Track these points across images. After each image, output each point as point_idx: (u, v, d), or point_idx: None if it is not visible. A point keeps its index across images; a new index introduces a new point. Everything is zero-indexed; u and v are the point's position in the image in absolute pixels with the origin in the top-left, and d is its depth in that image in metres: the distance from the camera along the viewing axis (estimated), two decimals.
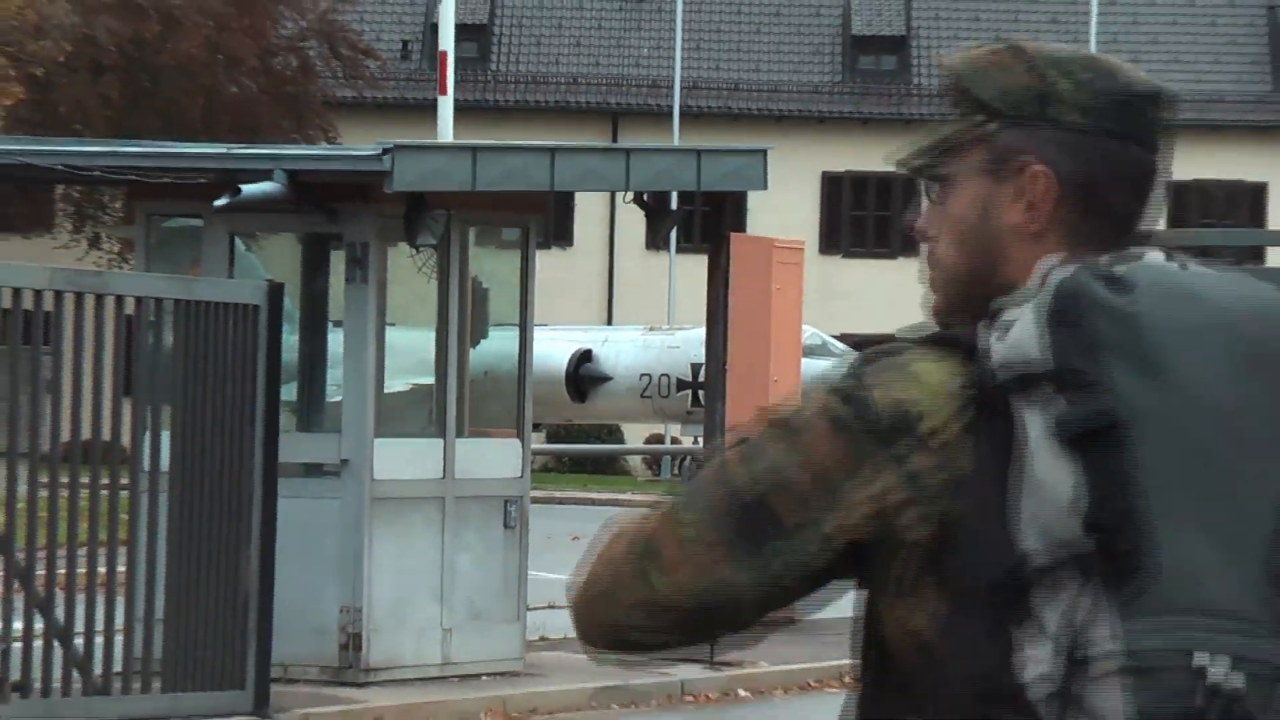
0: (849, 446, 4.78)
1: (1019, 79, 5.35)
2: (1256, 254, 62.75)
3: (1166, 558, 5.45)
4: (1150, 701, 6.22)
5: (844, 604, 6.70)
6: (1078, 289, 5.11)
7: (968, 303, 5.04)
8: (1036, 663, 5.49)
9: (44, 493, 25.45)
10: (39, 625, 24.74)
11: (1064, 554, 6.22)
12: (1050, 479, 5.20)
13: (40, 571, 25.07)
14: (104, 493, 25.98)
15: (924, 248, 5.83)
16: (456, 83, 49.50)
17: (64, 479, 25.43)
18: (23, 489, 25.09)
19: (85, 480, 25.88)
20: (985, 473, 4.84)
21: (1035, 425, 5.19)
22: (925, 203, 6.39)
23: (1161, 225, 7.68)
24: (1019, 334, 4.75)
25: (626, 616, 5.24)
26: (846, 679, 14.34)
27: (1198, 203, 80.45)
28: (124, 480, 26.15)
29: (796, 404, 5.53)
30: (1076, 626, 5.86)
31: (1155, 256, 6.13)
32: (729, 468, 5.55)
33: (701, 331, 36.33)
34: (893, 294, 77.12)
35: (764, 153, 31.97)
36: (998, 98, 5.26)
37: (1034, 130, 5.43)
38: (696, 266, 37.05)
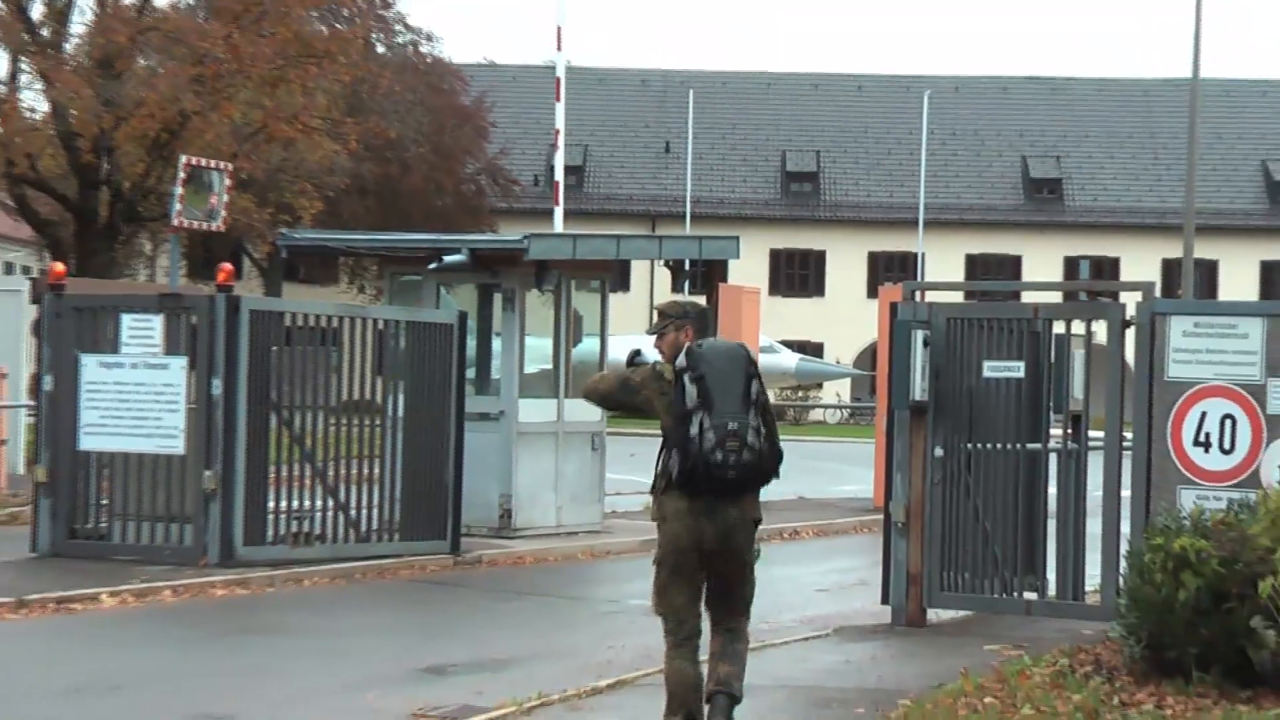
0: (648, 375, 13.91)
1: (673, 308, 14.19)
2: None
3: (717, 403, 13.26)
4: (714, 433, 13.38)
5: None
6: (690, 348, 13.36)
7: (672, 355, 13.49)
8: (694, 432, 13.21)
9: (333, 428, 26.23)
10: (330, 503, 25.05)
11: (696, 405, 13.30)
12: (689, 390, 13.28)
13: (330, 472, 25.45)
14: (365, 428, 26.12)
15: (671, 338, 13.89)
16: (565, 199, 50.78)
17: (344, 421, 26.45)
18: (321, 425, 25.87)
19: (355, 421, 26.36)
20: (677, 388, 13.38)
21: (685, 378, 13.33)
22: (669, 332, 14.00)
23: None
24: (681, 358, 13.28)
25: (600, 397, 14.74)
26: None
27: None
28: (377, 422, 26.21)
29: (640, 369, 14.23)
30: (702, 423, 13.32)
31: (708, 340, 13.97)
32: (625, 374, 14.22)
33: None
34: (807, 318, 78.18)
35: (737, 238, 32.15)
36: (675, 313, 13.95)
37: (684, 320, 13.84)
38: (699, 302, 38.76)
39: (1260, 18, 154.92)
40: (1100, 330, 20.51)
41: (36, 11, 55.74)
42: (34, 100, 55.93)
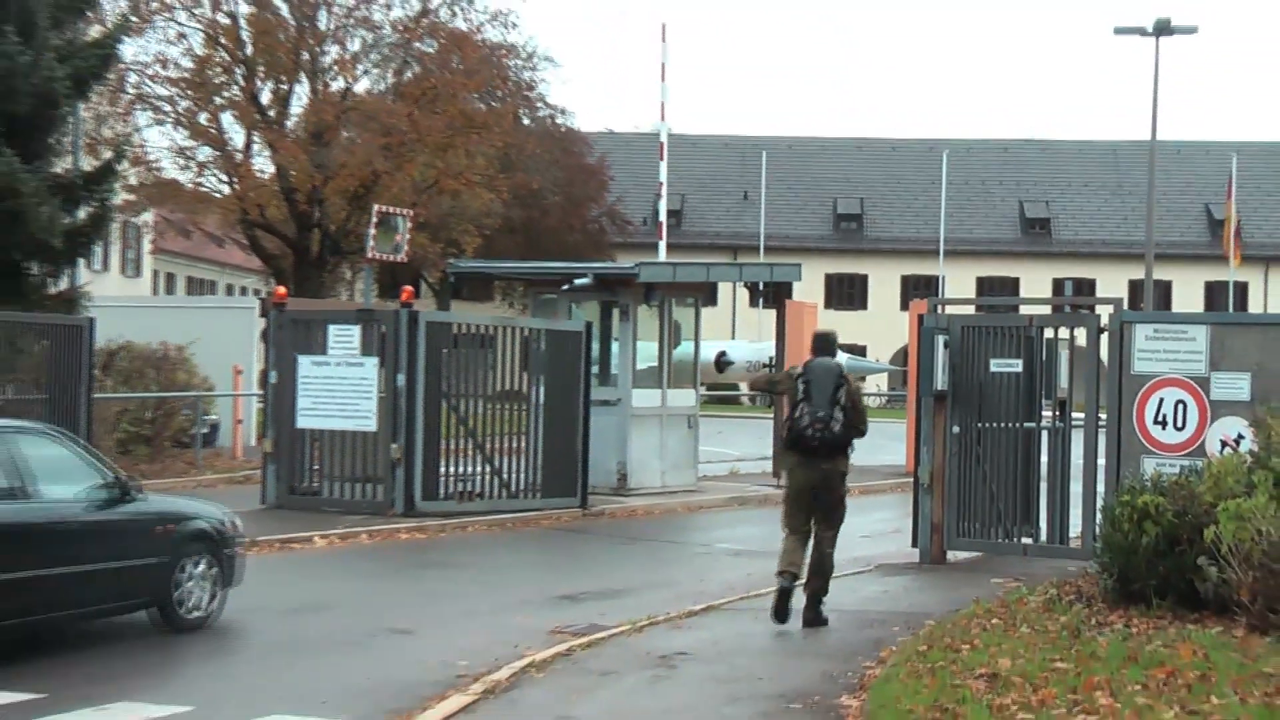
0: (785, 377, 14.83)
1: None
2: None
3: (814, 399, 14.51)
4: (808, 417, 14.96)
5: None
6: (806, 362, 14.94)
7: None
8: (798, 415, 12.37)
9: (490, 411, 25.95)
10: (487, 468, 25.15)
11: (802, 398, 14.95)
12: (800, 389, 14.39)
13: (487, 444, 25.30)
14: (514, 411, 26.01)
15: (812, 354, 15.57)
16: (666, 236, 50.72)
17: (498, 406, 26.08)
18: (480, 409, 25.71)
19: (506, 406, 26.14)
20: (796, 386, 14.58)
21: (799, 381, 14.60)
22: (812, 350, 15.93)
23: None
24: (799, 367, 14.46)
25: (762, 386, 16.93)
26: None
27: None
28: (523, 407, 26.03)
29: (784, 372, 16.13)
30: (803, 410, 14.78)
31: (817, 359, 15.55)
32: (777, 376, 16.46)
33: (772, 343, 36.98)
34: (853, 327, 77.81)
35: (799, 265, 32.43)
36: (814, 338, 15.74)
37: (815, 343, 16.02)
38: (770, 315, 38.40)
39: (1206, 88, 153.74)
40: (1081, 335, 20.35)
41: (265, 97, 56.16)
42: (263, 164, 56.36)
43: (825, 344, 15.85)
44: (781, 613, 15.19)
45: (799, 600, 15.30)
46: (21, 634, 13.93)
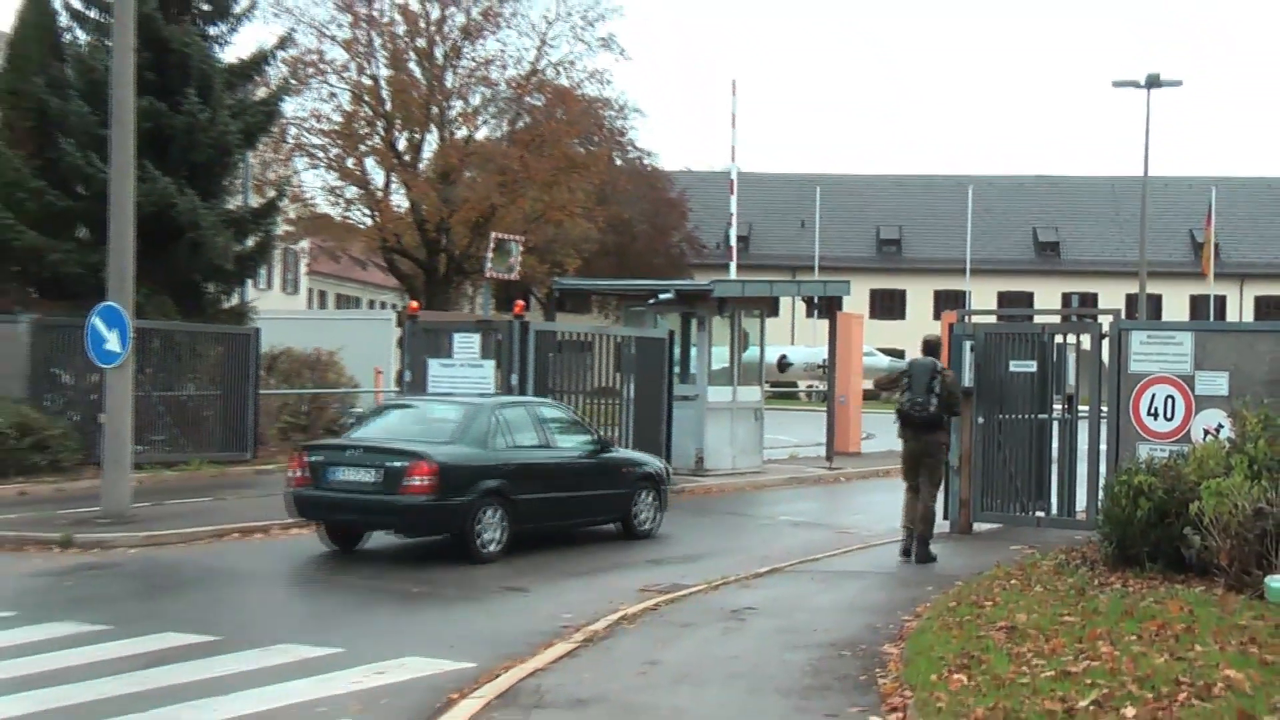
0: (900, 373, 16.50)
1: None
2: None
3: (915, 387, 16.50)
4: (909, 401, 16.90)
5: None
6: (911, 360, 16.68)
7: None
8: (903, 399, 16.93)
9: (589, 404, 25.29)
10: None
11: (905, 387, 17.09)
12: (904, 380, 16.62)
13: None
14: (609, 405, 25.98)
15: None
16: (736, 258, 50.64)
17: (595, 400, 25.67)
18: (581, 403, 24.86)
19: (602, 400, 25.69)
20: (903, 378, 16.28)
21: (904, 375, 17.07)
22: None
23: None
24: (905, 364, 15.92)
25: (884, 384, 16.62)
26: None
27: None
28: (616, 401, 26.00)
29: (898, 370, 16.94)
30: (906, 396, 16.59)
31: (919, 358, 17.04)
32: (895, 373, 16.99)
33: (825, 347, 36.56)
34: (893, 334, 77.49)
35: (848, 282, 32.80)
36: (925, 341, 16.56)
37: (924, 345, 17.05)
38: (823, 324, 38.01)
39: (1190, 130, 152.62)
40: (1085, 341, 20.34)
41: (401, 145, 56.52)
42: (399, 200, 56.70)
43: (928, 347, 17.73)
44: (907, 551, 17.33)
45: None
46: (547, 536, 18.57)
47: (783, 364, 70.40)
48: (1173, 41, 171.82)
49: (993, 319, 25.26)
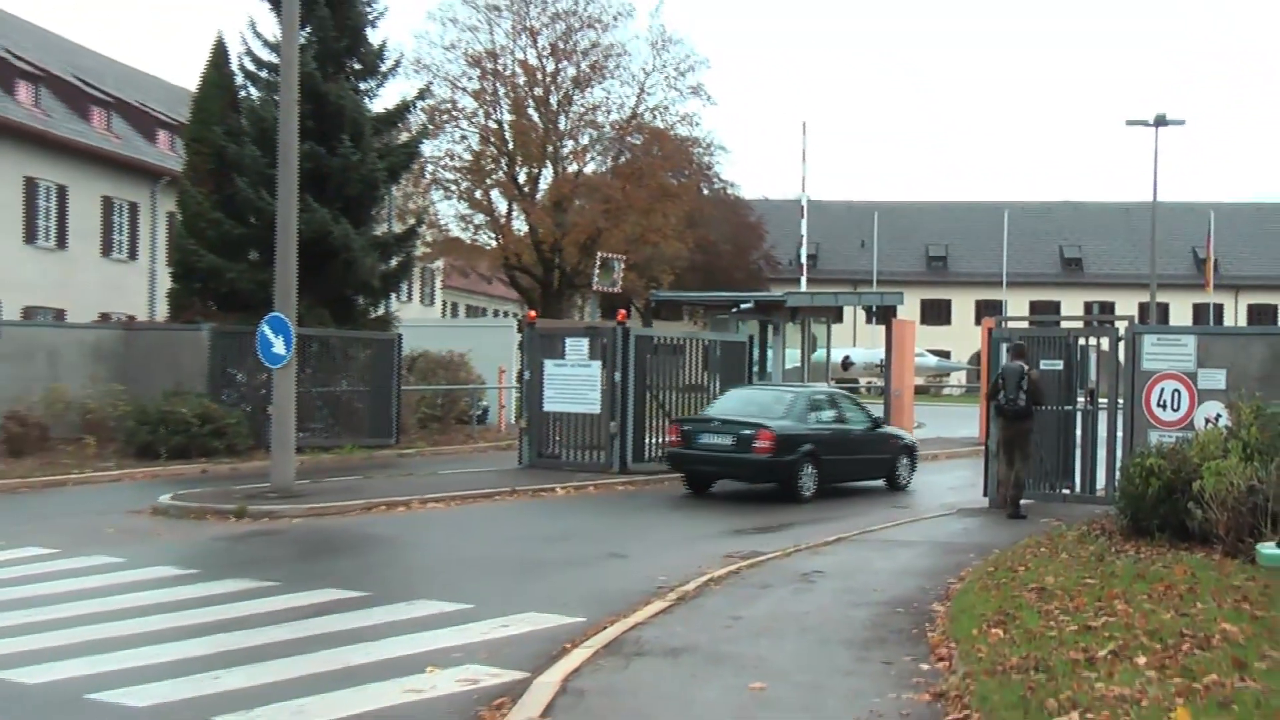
0: (996, 378, 16.23)
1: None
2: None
3: (1007, 386, 17.39)
4: (1004, 397, 17.95)
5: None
6: (1004, 364, 16.93)
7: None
8: (999, 395, 17.32)
9: (681, 398, 25.32)
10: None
11: (999, 386, 18.07)
12: (999, 380, 17.64)
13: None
14: (700, 400, 25.28)
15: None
16: (806, 273, 50.42)
17: (687, 395, 25.37)
18: (674, 398, 25.16)
19: (692, 396, 25.30)
20: (1001, 378, 16.68)
21: (998, 376, 17.28)
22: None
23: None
24: (1002, 367, 16.08)
25: (991, 395, 16.59)
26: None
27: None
28: (703, 397, 25.36)
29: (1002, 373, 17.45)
30: (1002, 392, 17.91)
31: (1010, 362, 17.38)
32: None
33: (882, 349, 36.54)
34: (941, 337, 76.84)
35: (901, 293, 32.55)
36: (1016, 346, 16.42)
37: (1013, 350, 17.14)
38: (880, 329, 37.81)
39: (1193, 160, 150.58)
40: (1105, 343, 20.19)
41: (521, 178, 56.43)
42: (519, 225, 56.62)
43: (1015, 352, 18.75)
44: (1002, 508, 18.59)
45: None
46: (839, 488, 21.89)
47: (846, 363, 69.81)
48: (1180, 82, 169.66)
49: (1025, 325, 25.19)
